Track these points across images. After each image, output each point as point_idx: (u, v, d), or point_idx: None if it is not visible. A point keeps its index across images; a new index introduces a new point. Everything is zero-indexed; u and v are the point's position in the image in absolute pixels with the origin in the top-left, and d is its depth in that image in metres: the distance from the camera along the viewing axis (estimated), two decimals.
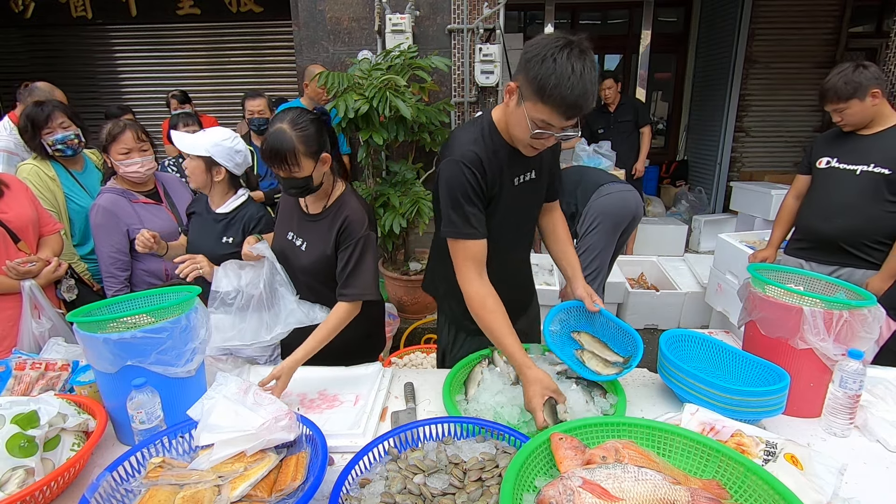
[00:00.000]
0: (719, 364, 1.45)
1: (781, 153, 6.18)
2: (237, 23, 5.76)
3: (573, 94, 1.15)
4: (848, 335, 1.26)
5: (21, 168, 2.28)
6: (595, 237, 2.78)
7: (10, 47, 5.99)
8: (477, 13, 3.91)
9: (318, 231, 1.62)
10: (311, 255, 1.62)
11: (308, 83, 3.54)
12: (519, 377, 1.33)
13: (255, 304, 1.63)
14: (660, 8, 6.31)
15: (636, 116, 4.82)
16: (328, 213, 1.61)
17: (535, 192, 1.56)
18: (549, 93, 1.16)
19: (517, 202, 1.50)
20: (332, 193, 1.63)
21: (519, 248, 1.67)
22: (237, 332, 1.62)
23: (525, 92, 1.22)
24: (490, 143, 1.38)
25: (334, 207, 1.61)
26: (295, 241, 1.66)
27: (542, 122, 1.22)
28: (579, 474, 0.86)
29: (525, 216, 1.59)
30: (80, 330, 1.20)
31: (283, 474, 1.02)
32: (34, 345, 1.80)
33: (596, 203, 2.78)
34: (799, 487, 0.91)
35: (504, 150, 1.40)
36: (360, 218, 1.57)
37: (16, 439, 1.03)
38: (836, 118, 2.23)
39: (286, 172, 1.47)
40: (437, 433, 1.17)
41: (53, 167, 2.29)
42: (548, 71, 1.14)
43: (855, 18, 5.73)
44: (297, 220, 1.68)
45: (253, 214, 1.89)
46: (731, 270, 3.25)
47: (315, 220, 1.63)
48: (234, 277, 1.64)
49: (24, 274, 1.81)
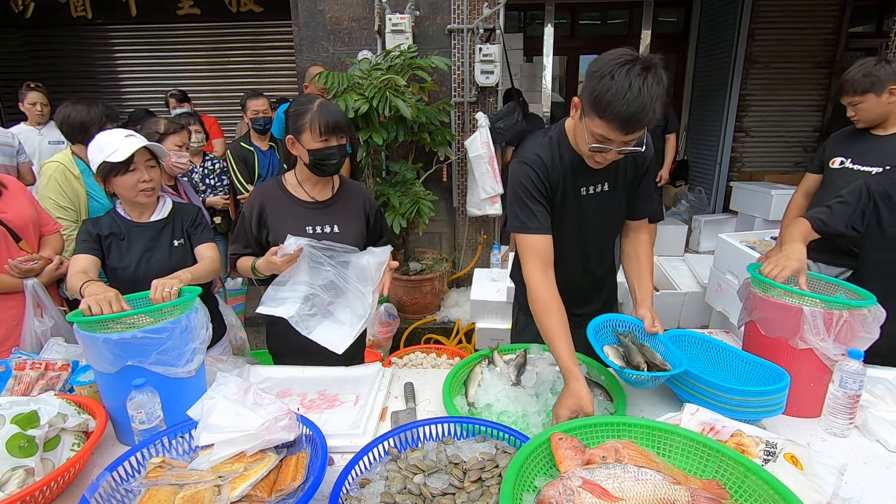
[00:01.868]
0: (719, 364, 1.45)
1: (781, 153, 6.18)
2: (237, 23, 5.76)
3: (628, 111, 1.16)
4: (848, 335, 1.26)
5: (46, 165, 2.31)
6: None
7: (10, 47, 5.99)
8: (477, 13, 3.91)
9: (342, 211, 1.74)
10: (350, 233, 1.72)
11: (308, 84, 3.54)
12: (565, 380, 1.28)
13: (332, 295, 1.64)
14: (660, 8, 6.31)
15: (665, 122, 4.52)
16: (340, 194, 1.76)
17: (609, 205, 1.54)
18: (604, 108, 1.19)
19: (585, 212, 1.52)
20: (334, 179, 1.77)
21: (588, 261, 1.64)
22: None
23: (585, 107, 1.26)
24: (556, 149, 1.44)
25: (343, 189, 1.77)
26: (324, 229, 1.70)
27: (600, 136, 1.25)
28: (579, 474, 0.86)
29: (594, 228, 1.57)
30: (80, 330, 1.20)
31: (283, 474, 1.02)
32: (37, 343, 1.81)
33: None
34: (799, 487, 0.91)
35: (570, 157, 1.44)
36: (366, 191, 1.85)
37: (16, 439, 1.03)
38: (851, 112, 2.15)
39: (340, 140, 1.60)
40: (437, 433, 1.17)
41: (78, 165, 2.33)
42: (605, 87, 1.17)
43: (855, 18, 5.72)
44: (307, 213, 1.69)
45: (188, 210, 1.83)
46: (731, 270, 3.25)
47: (331, 204, 1.73)
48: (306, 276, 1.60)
49: (27, 272, 1.82)
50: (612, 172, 1.48)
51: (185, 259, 1.74)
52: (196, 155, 3.38)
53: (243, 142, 3.47)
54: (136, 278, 1.64)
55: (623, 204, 1.57)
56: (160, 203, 1.76)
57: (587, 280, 1.70)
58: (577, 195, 1.48)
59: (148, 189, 1.65)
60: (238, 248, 1.71)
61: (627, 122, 1.19)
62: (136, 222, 1.71)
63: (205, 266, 1.71)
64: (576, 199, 1.48)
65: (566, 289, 1.43)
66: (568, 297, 1.42)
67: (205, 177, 3.39)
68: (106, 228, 1.67)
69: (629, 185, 1.55)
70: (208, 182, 3.40)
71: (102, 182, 1.64)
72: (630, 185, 1.55)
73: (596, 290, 1.75)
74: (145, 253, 1.69)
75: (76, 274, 1.53)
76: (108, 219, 1.70)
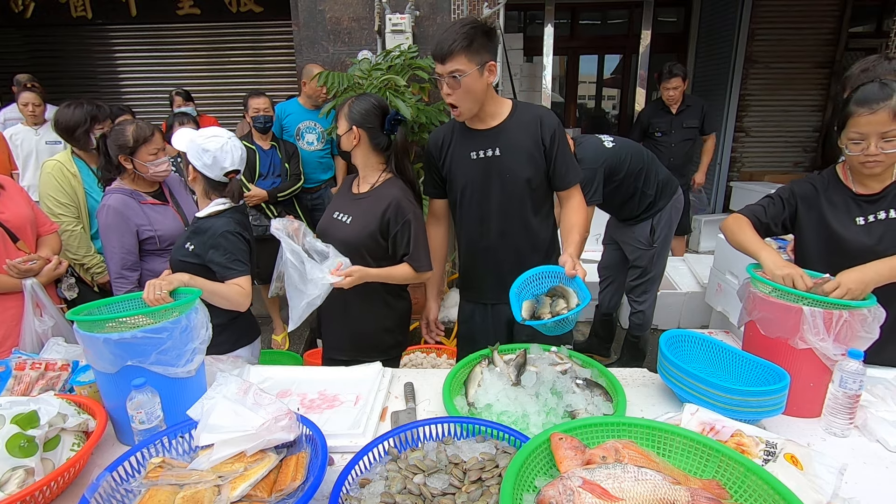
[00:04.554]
0: (719, 364, 1.45)
1: (781, 153, 6.19)
2: (237, 23, 5.76)
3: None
4: (848, 335, 1.26)
5: (45, 164, 2.36)
6: (671, 235, 2.92)
7: (10, 47, 5.99)
8: (477, 13, 3.91)
9: (364, 207, 1.80)
10: (355, 228, 1.78)
11: (307, 82, 3.54)
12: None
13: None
14: (660, 8, 6.31)
15: (702, 122, 4.25)
16: (373, 192, 1.82)
17: (504, 170, 1.74)
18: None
19: (476, 175, 1.78)
20: (380, 177, 1.83)
21: (487, 224, 1.82)
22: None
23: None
24: (452, 122, 1.81)
25: (380, 189, 1.82)
26: (341, 217, 1.83)
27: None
28: (579, 474, 0.86)
29: (487, 191, 1.78)
30: (80, 330, 1.20)
31: (283, 474, 1.02)
32: (36, 343, 1.81)
33: (675, 203, 2.87)
34: (799, 487, 0.91)
35: (459, 126, 1.78)
36: (406, 199, 1.78)
37: (16, 439, 1.03)
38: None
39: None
40: (437, 433, 1.17)
41: (76, 164, 2.37)
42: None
43: (855, 18, 5.73)
44: (345, 201, 1.88)
45: (218, 228, 1.69)
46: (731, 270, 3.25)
47: (362, 199, 1.83)
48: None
49: (25, 272, 1.82)
50: (503, 139, 1.73)
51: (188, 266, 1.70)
52: None
53: (245, 141, 3.47)
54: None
55: (522, 170, 1.74)
56: (208, 204, 1.77)
57: (500, 246, 1.84)
58: (468, 158, 1.76)
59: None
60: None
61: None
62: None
63: (220, 287, 1.64)
64: (466, 162, 1.77)
65: (485, 256, 1.85)
66: (493, 264, 1.84)
67: None
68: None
69: (528, 154, 1.73)
70: None
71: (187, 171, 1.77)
72: (529, 153, 1.73)
73: (515, 265, 1.77)
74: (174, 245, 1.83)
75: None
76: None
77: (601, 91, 7.74)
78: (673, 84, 4.11)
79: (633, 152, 2.75)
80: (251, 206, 3.40)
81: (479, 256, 1.88)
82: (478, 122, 1.76)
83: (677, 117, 4.23)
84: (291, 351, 3.51)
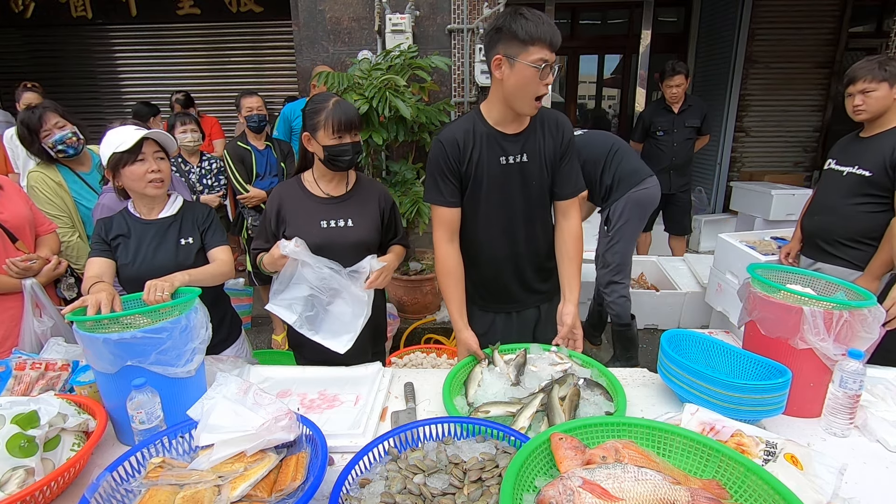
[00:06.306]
0: (720, 365, 1.45)
1: (781, 153, 6.18)
2: (237, 23, 5.77)
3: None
4: (848, 335, 1.25)
5: (29, 175, 2.29)
6: (630, 228, 2.93)
7: (10, 47, 6.00)
8: (477, 13, 3.91)
9: (357, 206, 1.77)
10: (362, 228, 1.75)
11: (315, 84, 3.54)
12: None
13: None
14: (660, 8, 6.31)
15: (702, 122, 4.24)
16: (356, 190, 1.80)
17: (530, 176, 1.65)
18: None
19: (505, 182, 1.64)
20: (349, 174, 1.80)
21: (514, 232, 1.72)
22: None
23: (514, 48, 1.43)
24: (472, 126, 1.60)
25: (359, 184, 1.81)
26: (338, 223, 1.73)
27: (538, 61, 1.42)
28: (579, 474, 0.86)
29: (515, 198, 1.67)
30: (79, 330, 1.20)
31: (283, 474, 1.02)
32: (36, 343, 1.80)
33: (635, 195, 2.87)
34: (799, 487, 0.91)
35: (486, 131, 1.60)
36: (383, 187, 1.87)
37: (16, 439, 1.03)
38: (858, 101, 2.17)
39: (353, 137, 1.66)
40: (437, 433, 1.17)
41: (60, 171, 2.28)
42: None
43: (855, 18, 5.73)
44: (321, 208, 1.74)
45: (199, 208, 1.80)
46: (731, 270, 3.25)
47: (346, 199, 1.77)
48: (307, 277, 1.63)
49: (25, 272, 1.82)
50: (529, 144, 1.62)
51: (191, 258, 1.70)
52: (193, 155, 3.38)
53: (240, 141, 3.46)
54: (140, 275, 1.61)
55: (544, 178, 1.67)
56: (170, 200, 1.75)
57: (525, 253, 1.75)
58: (497, 164, 1.61)
59: (157, 180, 1.65)
60: (260, 243, 1.78)
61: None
62: (144, 220, 1.70)
63: (210, 269, 1.69)
64: (495, 168, 1.62)
65: (509, 265, 1.73)
66: (513, 274, 1.74)
67: (202, 177, 3.38)
68: (114, 229, 1.68)
69: (550, 161, 1.65)
70: (205, 182, 3.39)
71: (112, 177, 1.66)
72: (551, 160, 1.65)
73: (537, 269, 1.79)
74: (149, 250, 1.68)
75: (88, 278, 1.57)
76: (119, 218, 1.71)
77: (601, 91, 7.74)
78: (676, 81, 4.10)
79: (595, 143, 2.90)
80: (250, 206, 3.40)
81: (503, 266, 1.75)
82: (508, 125, 1.61)
83: (679, 116, 4.21)
84: (291, 351, 3.51)
